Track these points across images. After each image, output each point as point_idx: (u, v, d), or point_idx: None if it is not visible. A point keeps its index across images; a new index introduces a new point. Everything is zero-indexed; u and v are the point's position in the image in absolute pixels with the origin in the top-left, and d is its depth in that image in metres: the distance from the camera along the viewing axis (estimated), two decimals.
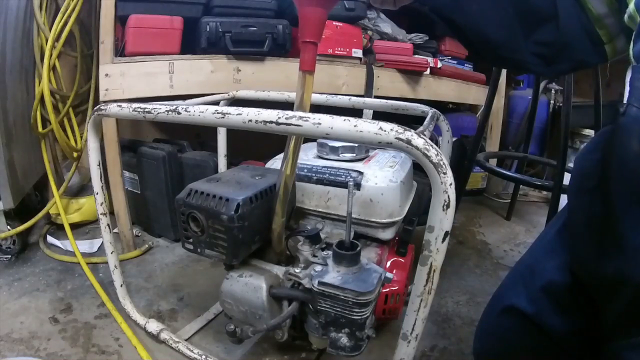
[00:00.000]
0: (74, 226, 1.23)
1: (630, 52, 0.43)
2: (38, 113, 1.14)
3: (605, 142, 0.47)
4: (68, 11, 1.14)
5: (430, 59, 1.56)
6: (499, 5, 0.51)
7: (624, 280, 0.41)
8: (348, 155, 0.79)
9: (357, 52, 1.36)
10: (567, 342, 0.52)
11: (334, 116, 0.43)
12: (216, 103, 0.97)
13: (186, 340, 0.80)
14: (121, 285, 0.87)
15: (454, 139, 1.43)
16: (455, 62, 1.77)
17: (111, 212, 0.94)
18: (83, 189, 1.42)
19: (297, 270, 0.65)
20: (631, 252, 0.40)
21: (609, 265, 0.43)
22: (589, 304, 0.49)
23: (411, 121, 1.43)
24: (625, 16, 0.45)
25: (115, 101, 0.96)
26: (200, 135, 1.64)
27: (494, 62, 0.63)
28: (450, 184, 0.39)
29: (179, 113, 0.54)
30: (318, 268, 0.62)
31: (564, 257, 0.53)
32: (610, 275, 0.43)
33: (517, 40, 0.52)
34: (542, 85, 1.78)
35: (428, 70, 1.53)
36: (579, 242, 0.50)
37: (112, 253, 0.82)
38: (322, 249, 0.69)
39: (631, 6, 0.43)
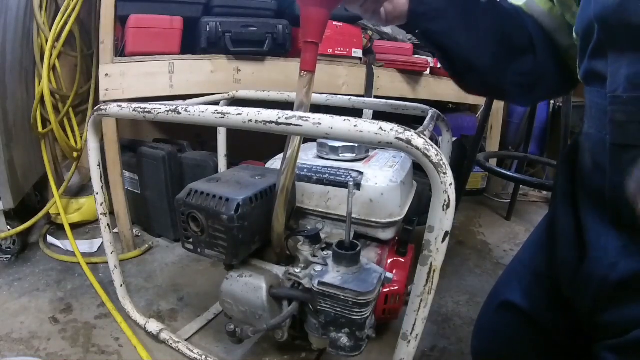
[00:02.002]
0: (74, 226, 1.23)
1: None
2: (38, 113, 1.14)
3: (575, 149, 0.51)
4: (68, 11, 1.14)
5: (430, 59, 1.56)
6: (484, 37, 0.54)
7: (590, 276, 0.43)
8: (348, 155, 0.79)
9: (357, 52, 1.36)
10: (562, 337, 0.52)
11: (334, 116, 0.43)
12: (216, 103, 0.96)
13: (186, 340, 0.80)
14: (121, 285, 0.87)
15: (454, 139, 1.43)
16: None
17: (111, 212, 0.94)
18: (83, 189, 1.42)
19: (297, 270, 0.65)
20: (594, 252, 0.44)
21: (581, 265, 0.46)
22: None
23: (411, 121, 1.43)
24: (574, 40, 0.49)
25: (115, 101, 0.96)
26: (200, 135, 1.64)
27: (479, 88, 0.66)
28: (450, 184, 0.39)
29: (179, 113, 0.53)
30: (318, 268, 0.62)
31: (552, 253, 0.55)
32: (581, 274, 0.45)
33: (500, 68, 0.55)
34: None
35: (428, 70, 1.53)
36: (561, 244, 0.52)
37: (112, 253, 0.82)
38: (322, 249, 0.69)
39: (573, 32, 0.47)
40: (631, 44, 0.37)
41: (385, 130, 0.41)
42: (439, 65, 1.58)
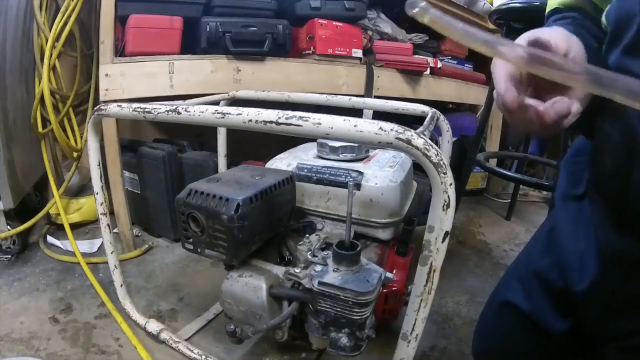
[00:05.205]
0: (74, 226, 1.23)
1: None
2: (38, 113, 1.14)
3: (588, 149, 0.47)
4: (68, 11, 1.14)
5: (430, 59, 1.56)
6: None
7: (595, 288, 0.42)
8: (348, 155, 0.79)
9: (357, 52, 1.36)
10: (565, 340, 0.52)
11: (334, 116, 0.43)
12: (216, 103, 0.97)
13: (186, 340, 0.80)
14: (121, 285, 0.87)
15: (454, 139, 1.43)
16: (455, 62, 1.77)
17: (111, 212, 0.94)
18: (83, 189, 1.42)
19: (297, 270, 0.65)
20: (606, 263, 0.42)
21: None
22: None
23: (411, 121, 1.43)
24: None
25: (115, 101, 0.96)
26: (200, 135, 1.64)
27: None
28: (450, 184, 0.39)
29: (179, 113, 0.54)
30: (318, 268, 0.62)
31: (555, 256, 0.54)
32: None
33: None
34: None
35: (428, 70, 1.53)
36: (564, 248, 0.51)
37: (112, 253, 0.82)
38: (322, 249, 0.69)
39: (602, 18, 0.43)
40: None
41: (385, 130, 0.41)
42: (439, 65, 1.59)
